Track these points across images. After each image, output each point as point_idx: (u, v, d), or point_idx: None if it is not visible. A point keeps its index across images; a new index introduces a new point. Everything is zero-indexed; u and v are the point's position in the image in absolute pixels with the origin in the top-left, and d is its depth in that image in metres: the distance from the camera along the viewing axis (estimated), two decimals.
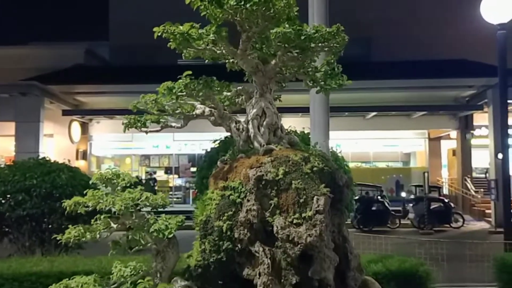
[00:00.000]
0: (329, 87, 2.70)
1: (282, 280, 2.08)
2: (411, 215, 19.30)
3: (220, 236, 2.25)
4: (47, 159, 9.68)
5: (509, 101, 11.84)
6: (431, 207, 18.51)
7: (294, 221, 2.11)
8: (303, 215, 2.11)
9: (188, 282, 2.23)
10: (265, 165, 2.27)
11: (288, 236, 2.09)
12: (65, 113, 22.42)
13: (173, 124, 2.62)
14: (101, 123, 25.54)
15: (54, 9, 31.47)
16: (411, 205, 19.51)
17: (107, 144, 26.64)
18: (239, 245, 2.21)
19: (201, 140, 24.51)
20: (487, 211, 20.32)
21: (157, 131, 2.57)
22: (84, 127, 25.03)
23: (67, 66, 23.87)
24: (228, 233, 2.21)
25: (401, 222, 19.36)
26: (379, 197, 19.38)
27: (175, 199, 24.83)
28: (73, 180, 9.15)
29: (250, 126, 2.58)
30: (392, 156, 26.79)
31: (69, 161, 14.00)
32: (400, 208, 19.90)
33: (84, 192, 8.96)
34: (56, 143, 23.03)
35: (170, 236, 2.33)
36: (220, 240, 2.25)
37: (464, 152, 23.46)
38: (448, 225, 18.75)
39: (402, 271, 5.70)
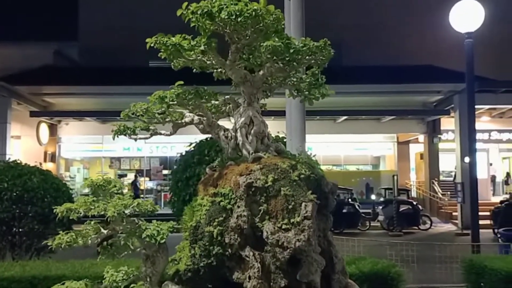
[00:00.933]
0: (313, 96, 2.81)
1: (271, 283, 2.17)
2: (380, 217, 19.73)
3: (210, 241, 2.32)
4: (18, 162, 9.53)
5: (476, 107, 12.26)
6: (400, 209, 18.95)
7: (283, 227, 2.19)
8: (292, 220, 2.20)
9: (178, 286, 2.29)
10: (254, 173, 2.35)
11: (277, 241, 2.17)
12: (33, 114, 21.99)
13: (162, 132, 2.67)
14: (70, 124, 25.14)
15: (22, 8, 30.74)
16: (380, 207, 19.95)
17: (76, 146, 26.24)
18: (229, 250, 2.29)
19: (173, 143, 24.41)
20: (453, 213, 20.92)
21: (146, 138, 2.62)
22: (53, 129, 24.58)
23: (35, 66, 23.40)
24: (219, 238, 2.28)
25: (371, 224, 19.75)
26: (349, 200, 19.72)
27: None
28: (44, 184, 9.04)
29: (238, 134, 2.66)
30: (362, 160, 27.31)
31: (40, 164, 13.80)
32: (370, 211, 20.30)
33: (54, 194, 8.76)
34: (24, 145, 22.56)
35: (162, 241, 2.39)
36: (211, 245, 2.31)
37: (432, 156, 24.11)
38: (416, 227, 19.22)
39: (375, 273, 5.83)
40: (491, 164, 26.21)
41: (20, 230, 8.73)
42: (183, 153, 8.62)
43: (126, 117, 2.66)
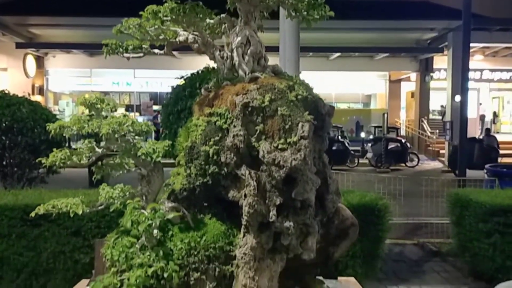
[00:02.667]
0: (312, 17, 2.71)
1: (267, 201, 2.19)
2: (369, 155, 20.02)
3: (206, 161, 2.31)
4: (6, 92, 9.37)
5: (470, 45, 12.13)
6: (389, 147, 19.22)
7: (280, 146, 2.19)
8: (288, 140, 2.19)
9: (174, 204, 2.31)
10: (251, 92, 2.31)
11: (274, 160, 2.17)
12: (19, 45, 21.44)
13: (156, 51, 2.58)
14: (57, 57, 24.63)
15: None
16: (370, 145, 20.20)
17: (64, 80, 25.83)
18: (225, 169, 2.29)
19: (163, 78, 24.11)
20: (441, 151, 21.27)
21: (139, 57, 2.54)
22: (40, 61, 24.10)
23: None
24: (215, 157, 2.28)
25: (360, 161, 20.07)
26: (339, 137, 19.92)
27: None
28: (34, 114, 8.96)
29: (234, 54, 2.58)
30: (354, 98, 27.29)
31: (29, 94, 13.60)
32: (359, 148, 20.56)
33: (44, 125, 8.79)
34: (11, 77, 22.18)
35: (158, 159, 2.38)
36: (206, 164, 2.31)
37: (423, 94, 24.16)
38: (403, 164, 19.58)
39: (363, 205, 5.95)
40: (480, 104, 26.38)
41: (11, 160, 8.74)
42: (174, 86, 8.54)
43: (118, 33, 2.56)
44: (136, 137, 2.42)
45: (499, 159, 17.81)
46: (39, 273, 5.94)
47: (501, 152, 19.74)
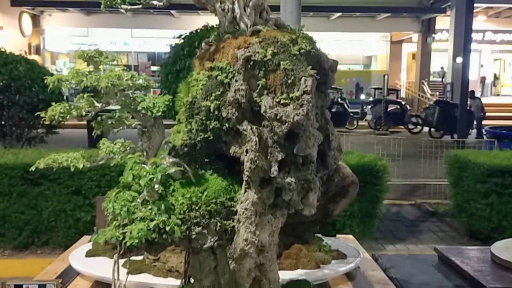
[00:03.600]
0: None
1: (268, 157, 2.16)
2: (368, 117, 20.03)
3: (207, 116, 2.27)
4: (3, 50, 9.25)
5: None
6: (388, 109, 19.20)
7: (282, 101, 2.14)
8: (291, 95, 2.14)
9: (176, 159, 2.30)
10: (253, 46, 2.24)
11: (276, 115, 2.14)
12: (13, 3, 21.05)
13: (155, 2, 2.51)
14: (54, 16, 24.22)
15: None
16: (369, 107, 20.17)
17: (61, 39, 25.49)
18: (226, 124, 2.25)
19: (161, 38, 23.75)
20: None
21: (138, 9, 2.47)
22: (36, 20, 23.72)
23: None
24: (216, 112, 2.24)
25: (359, 123, 20.08)
26: (339, 99, 19.88)
27: None
28: (31, 73, 8.89)
29: (236, 7, 2.51)
30: (354, 59, 27.04)
31: (26, 52, 13.44)
32: (358, 110, 20.55)
33: (42, 84, 8.70)
34: (7, 36, 21.84)
35: (158, 114, 2.35)
36: (207, 120, 2.27)
37: (424, 56, 23.94)
38: (402, 127, 19.60)
39: (362, 165, 5.98)
40: (481, 66, 26.20)
41: (10, 119, 8.73)
42: (173, 45, 8.43)
43: None
44: (136, 91, 2.38)
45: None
46: (41, 231, 6.03)
47: (501, 115, 19.69)
